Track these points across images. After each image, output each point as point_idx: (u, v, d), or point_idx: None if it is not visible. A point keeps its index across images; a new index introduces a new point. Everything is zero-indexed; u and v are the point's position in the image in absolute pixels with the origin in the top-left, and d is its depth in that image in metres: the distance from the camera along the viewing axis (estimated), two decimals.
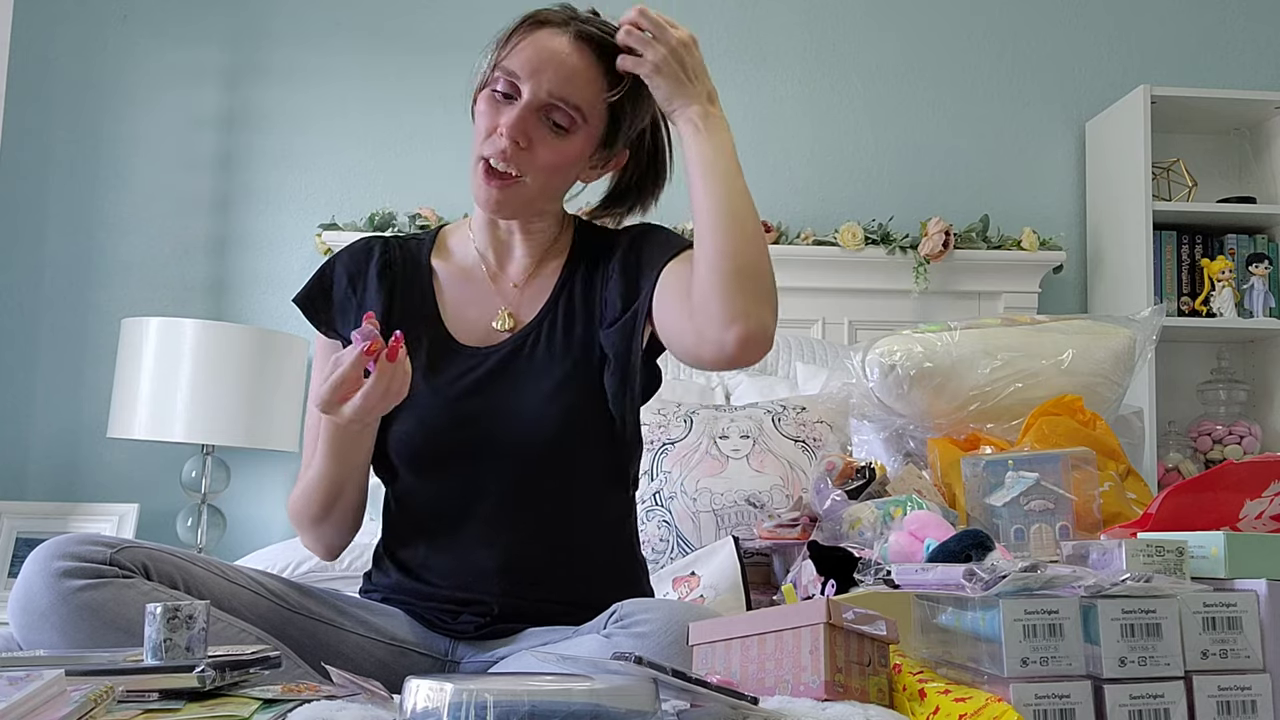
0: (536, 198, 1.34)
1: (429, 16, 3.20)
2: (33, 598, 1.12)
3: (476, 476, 1.32)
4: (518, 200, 1.32)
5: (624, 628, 1.13)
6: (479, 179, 1.31)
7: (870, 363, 2.16)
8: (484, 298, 1.40)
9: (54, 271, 3.05)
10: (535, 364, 1.33)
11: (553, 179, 1.33)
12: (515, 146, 1.28)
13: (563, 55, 1.28)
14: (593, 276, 1.39)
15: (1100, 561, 1.11)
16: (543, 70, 1.28)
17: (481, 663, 1.30)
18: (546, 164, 1.30)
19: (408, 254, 1.44)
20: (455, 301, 1.41)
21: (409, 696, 0.82)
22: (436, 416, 1.32)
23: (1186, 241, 3.11)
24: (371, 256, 1.42)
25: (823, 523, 1.76)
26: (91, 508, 2.87)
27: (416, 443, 1.33)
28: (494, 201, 1.32)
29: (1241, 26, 3.35)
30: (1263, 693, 1.03)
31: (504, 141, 1.28)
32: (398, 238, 1.47)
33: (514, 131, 1.28)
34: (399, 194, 3.10)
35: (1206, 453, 3.08)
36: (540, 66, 1.28)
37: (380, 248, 1.43)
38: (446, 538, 1.34)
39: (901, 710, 1.00)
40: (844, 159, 3.24)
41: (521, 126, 1.28)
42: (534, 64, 1.28)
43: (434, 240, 1.47)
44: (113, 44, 3.13)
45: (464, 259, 1.44)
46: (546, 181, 1.32)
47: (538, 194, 1.33)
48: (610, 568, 1.38)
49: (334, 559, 1.43)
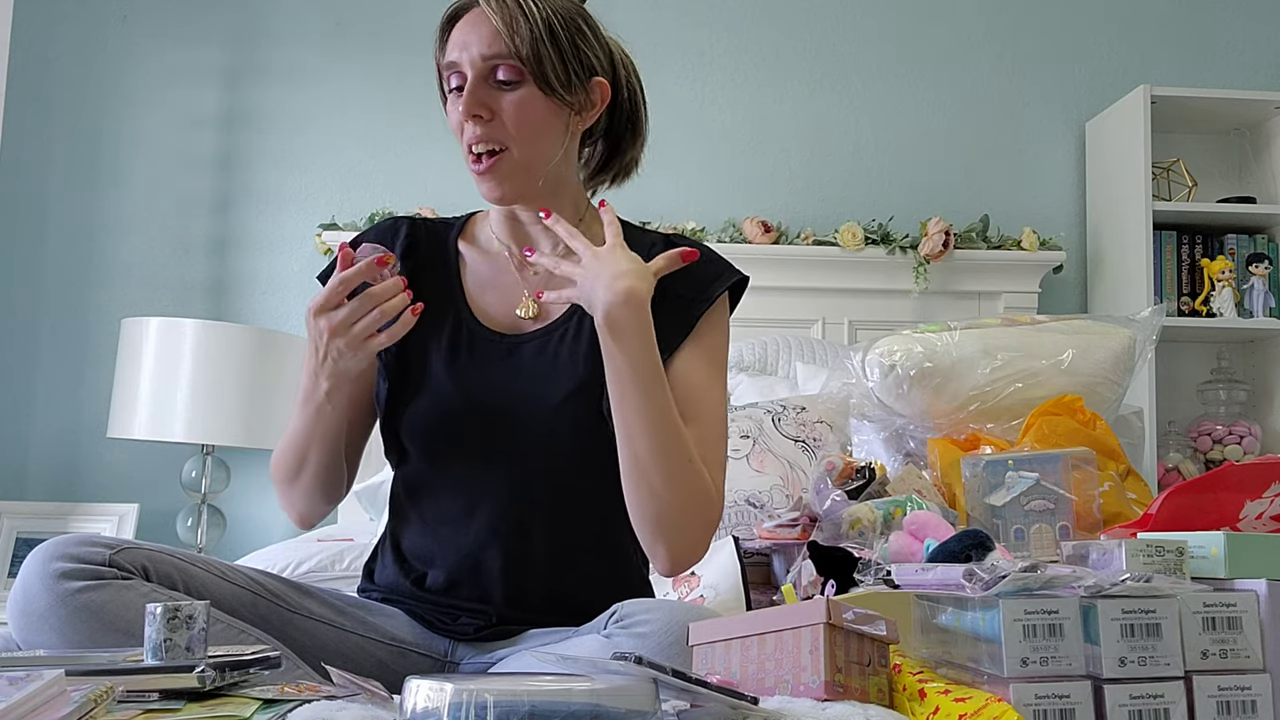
0: (530, 163, 1.32)
1: (429, 17, 3.15)
2: (31, 599, 1.11)
3: (485, 469, 1.31)
4: (514, 173, 1.31)
5: (625, 628, 1.12)
6: (474, 175, 1.32)
7: (870, 363, 2.16)
8: (508, 283, 1.39)
9: (54, 271, 3.05)
10: (560, 362, 1.32)
11: (535, 138, 1.31)
12: (481, 122, 1.28)
13: (478, 20, 1.29)
14: None
15: (1100, 561, 1.11)
16: (469, 43, 1.29)
17: (481, 664, 1.30)
18: (517, 122, 1.29)
19: (434, 236, 1.43)
20: (479, 286, 1.40)
21: (409, 696, 0.82)
22: (453, 400, 1.32)
23: (1186, 241, 3.11)
24: (398, 236, 1.41)
25: (823, 523, 1.76)
26: (91, 508, 2.87)
27: (430, 423, 1.32)
28: (494, 185, 1.31)
29: (1241, 26, 3.35)
30: (1263, 693, 1.03)
31: (470, 124, 1.29)
32: (425, 219, 1.46)
33: (471, 108, 1.28)
34: (399, 194, 3.10)
35: (1206, 453, 3.08)
36: (465, 42, 1.29)
37: (407, 228, 1.42)
38: (451, 530, 1.33)
39: (901, 710, 1.00)
40: (844, 159, 3.24)
41: (475, 101, 1.28)
42: (460, 43, 1.30)
43: (463, 225, 1.46)
44: (113, 44, 3.13)
45: (489, 246, 1.43)
46: (531, 143, 1.30)
47: (528, 157, 1.31)
48: (614, 571, 1.37)
49: (305, 527, 1.42)
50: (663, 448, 1.22)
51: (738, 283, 1.39)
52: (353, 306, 1.19)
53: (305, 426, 1.30)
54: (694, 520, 1.24)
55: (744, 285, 1.40)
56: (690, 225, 3.01)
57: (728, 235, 3.02)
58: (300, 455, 1.32)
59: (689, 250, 1.29)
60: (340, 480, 1.38)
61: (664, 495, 1.22)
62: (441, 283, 1.39)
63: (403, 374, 1.35)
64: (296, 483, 1.34)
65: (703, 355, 1.33)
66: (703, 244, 1.38)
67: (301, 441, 1.31)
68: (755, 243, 3.00)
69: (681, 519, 1.24)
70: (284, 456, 1.34)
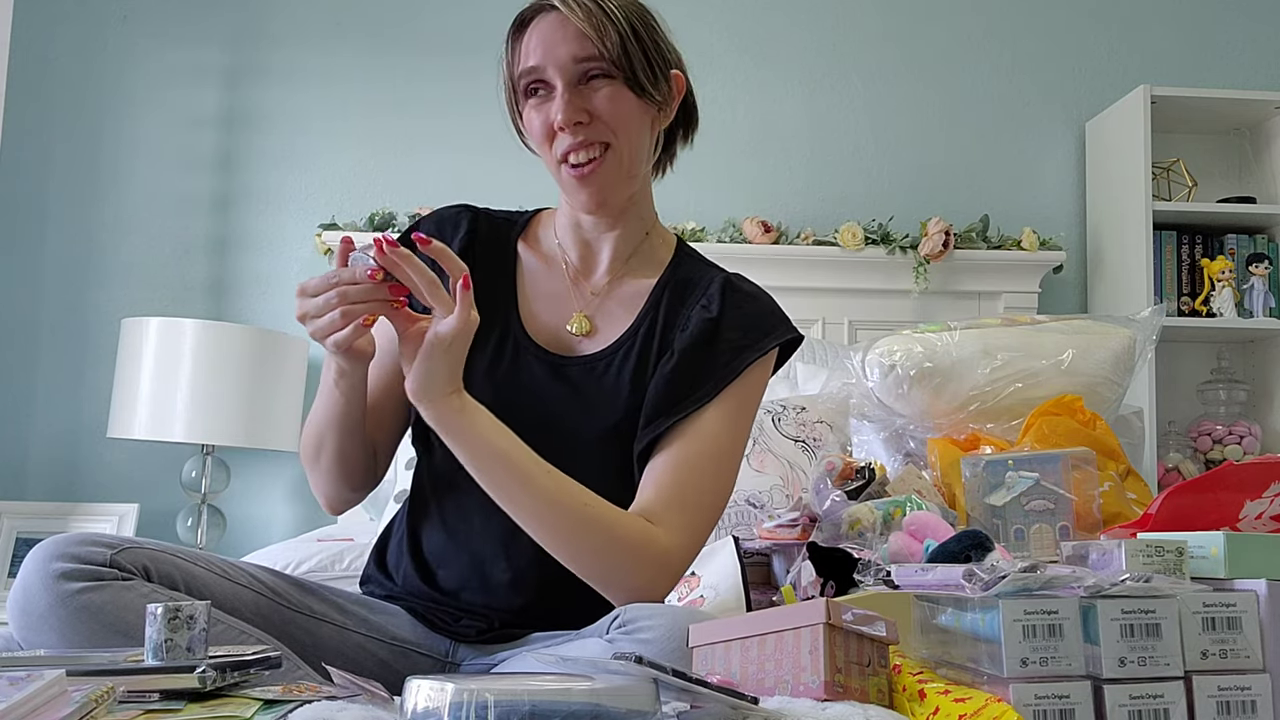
0: (630, 163, 1.29)
1: (429, 17, 3.20)
2: (31, 599, 1.10)
3: None
4: (616, 175, 1.28)
5: (627, 633, 1.11)
6: (571, 183, 1.29)
7: (870, 363, 2.16)
8: (561, 297, 1.37)
9: (54, 271, 3.05)
10: (602, 395, 1.30)
11: (634, 136, 1.28)
12: (582, 128, 1.26)
13: (561, 24, 1.26)
14: (676, 310, 1.35)
15: (1100, 562, 1.11)
16: (554, 46, 1.25)
17: (482, 664, 1.30)
18: (614, 117, 1.27)
19: (496, 233, 1.40)
20: (533, 295, 1.37)
21: (410, 696, 0.82)
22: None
23: (1186, 241, 3.11)
24: (459, 230, 1.38)
25: (822, 523, 1.76)
26: (91, 508, 2.87)
27: None
28: (596, 193, 1.29)
29: (1241, 26, 3.35)
30: (1263, 693, 1.03)
31: (568, 133, 1.26)
32: (488, 213, 1.43)
33: (571, 115, 1.25)
34: (399, 194, 3.10)
35: (1206, 453, 3.08)
36: (550, 45, 1.25)
37: (469, 222, 1.39)
38: (464, 532, 1.32)
39: (901, 710, 1.00)
40: (844, 159, 3.25)
41: (573, 107, 1.25)
42: (544, 47, 1.26)
43: (526, 224, 1.43)
44: (113, 44, 3.13)
45: (549, 251, 1.40)
46: (630, 140, 1.28)
47: (630, 158, 1.29)
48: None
49: (333, 512, 1.41)
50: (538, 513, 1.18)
51: (790, 340, 1.37)
52: (316, 302, 1.14)
53: (322, 409, 1.29)
54: (621, 567, 1.19)
55: (796, 344, 1.38)
56: (690, 225, 3.01)
57: (728, 235, 3.02)
58: (318, 438, 1.31)
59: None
60: (364, 468, 1.35)
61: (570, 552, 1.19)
62: (496, 285, 1.36)
63: None
64: (317, 465, 1.33)
65: (734, 408, 1.30)
66: (767, 294, 1.37)
67: (319, 423, 1.30)
68: (755, 243, 3.00)
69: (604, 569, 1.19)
70: (306, 438, 1.34)
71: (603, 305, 1.35)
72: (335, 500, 1.38)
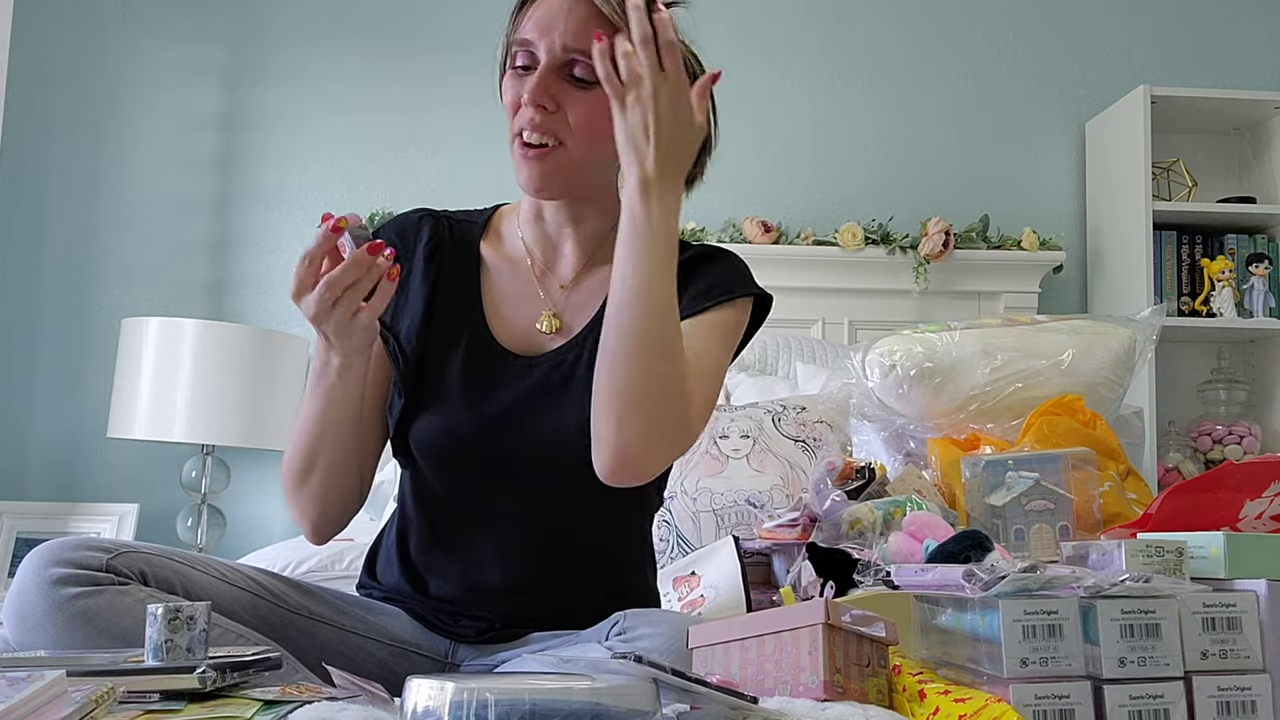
0: (581, 166, 1.24)
1: (429, 17, 3.20)
2: (27, 605, 1.09)
3: (494, 491, 1.28)
4: (561, 171, 1.23)
5: (626, 641, 1.11)
6: (518, 159, 1.24)
7: (870, 363, 2.16)
8: (528, 296, 1.34)
9: (54, 271, 3.05)
10: (574, 386, 1.27)
11: (596, 142, 1.21)
12: (544, 112, 1.21)
13: (569, 6, 1.22)
14: None
15: (1100, 562, 1.12)
16: (553, 26, 1.21)
17: (482, 665, 1.29)
18: (581, 122, 1.22)
19: (458, 236, 1.37)
20: (499, 296, 1.34)
21: (410, 696, 0.82)
22: (463, 422, 1.27)
23: (1186, 241, 3.11)
24: (421, 237, 1.35)
25: (822, 523, 1.76)
26: (91, 508, 2.87)
27: (441, 444, 1.28)
28: (536, 177, 1.23)
29: (1241, 26, 3.35)
30: (1263, 693, 1.03)
31: (530, 110, 1.21)
32: (449, 216, 1.40)
33: (538, 96, 1.20)
34: (399, 194, 3.10)
35: (1206, 453, 3.09)
36: (550, 24, 1.22)
37: (430, 228, 1.36)
38: (454, 542, 1.31)
39: (901, 711, 1.00)
40: (844, 159, 3.25)
41: (545, 89, 1.21)
42: (543, 24, 1.22)
43: (486, 223, 1.40)
44: (113, 44, 3.13)
45: (513, 249, 1.37)
46: (588, 145, 1.22)
47: (581, 161, 1.24)
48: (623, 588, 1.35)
49: (320, 541, 1.32)
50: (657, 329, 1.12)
51: (762, 298, 1.33)
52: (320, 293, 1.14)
53: (318, 414, 1.23)
54: (664, 412, 1.12)
55: (768, 303, 1.34)
56: (690, 225, 3.01)
57: (728, 235, 3.02)
58: (312, 449, 1.24)
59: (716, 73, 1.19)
60: (354, 485, 1.31)
61: (640, 373, 1.11)
62: (462, 291, 1.34)
63: (416, 386, 1.30)
64: (307, 484, 1.26)
65: (705, 329, 1.25)
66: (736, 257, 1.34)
67: (314, 431, 1.23)
68: (755, 242, 3.00)
69: (654, 404, 1.11)
70: (292, 457, 1.27)
71: (570, 299, 1.33)
72: (322, 524, 1.30)
